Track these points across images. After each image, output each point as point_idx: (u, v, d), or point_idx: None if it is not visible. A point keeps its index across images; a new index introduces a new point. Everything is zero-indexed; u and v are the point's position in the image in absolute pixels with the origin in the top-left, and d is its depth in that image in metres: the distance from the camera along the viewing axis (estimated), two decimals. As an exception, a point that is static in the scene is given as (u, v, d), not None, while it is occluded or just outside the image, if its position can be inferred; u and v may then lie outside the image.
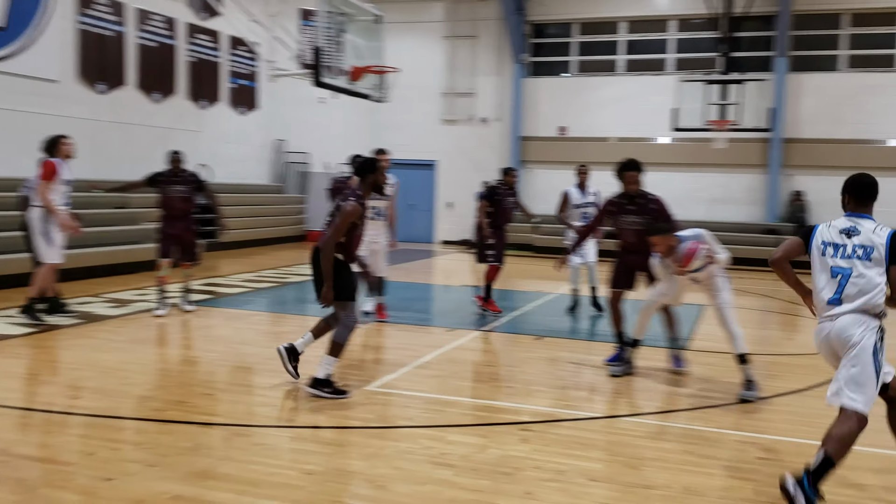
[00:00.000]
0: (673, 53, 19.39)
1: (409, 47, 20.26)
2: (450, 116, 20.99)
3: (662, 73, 19.25)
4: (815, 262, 4.50)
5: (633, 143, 19.30)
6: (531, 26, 20.46)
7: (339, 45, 11.83)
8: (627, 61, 19.79)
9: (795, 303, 12.19)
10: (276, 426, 5.31)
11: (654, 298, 6.76)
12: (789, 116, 18.16)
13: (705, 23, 18.49)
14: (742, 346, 6.27)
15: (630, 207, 7.02)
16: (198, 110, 17.35)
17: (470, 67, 20.76)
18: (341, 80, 11.77)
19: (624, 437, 5.26)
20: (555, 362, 7.37)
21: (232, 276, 13.05)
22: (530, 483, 4.35)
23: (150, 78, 15.69)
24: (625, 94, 19.42)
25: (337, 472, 4.47)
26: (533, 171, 20.40)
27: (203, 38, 17.18)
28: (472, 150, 20.84)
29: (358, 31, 12.12)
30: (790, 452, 4.99)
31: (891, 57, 17.85)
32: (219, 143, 18.21)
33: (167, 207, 9.17)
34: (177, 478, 4.28)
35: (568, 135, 19.99)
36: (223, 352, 7.52)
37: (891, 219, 13.63)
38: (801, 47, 18.41)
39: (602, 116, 19.58)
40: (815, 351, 4.61)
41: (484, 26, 20.59)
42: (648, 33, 19.61)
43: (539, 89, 20.31)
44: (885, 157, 17.66)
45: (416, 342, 8.14)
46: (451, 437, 5.09)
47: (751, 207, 18.76)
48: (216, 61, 17.77)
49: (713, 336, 8.80)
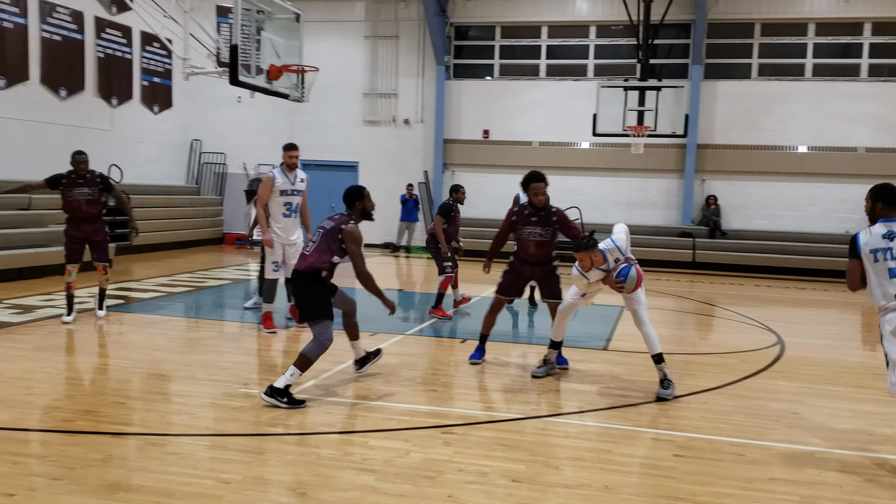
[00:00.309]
0: (593, 59, 19.75)
1: (329, 47, 20.08)
2: (371, 117, 20.86)
3: (583, 79, 19.57)
4: (870, 269, 4.99)
5: (556, 148, 19.58)
6: (454, 28, 20.53)
7: (256, 43, 11.59)
8: (549, 66, 20.05)
9: (710, 304, 12.56)
10: (193, 434, 5.14)
11: (571, 301, 6.85)
12: (704, 123, 18.71)
13: (624, 29, 18.91)
14: (657, 347, 6.40)
15: (533, 219, 7.13)
16: (109, 108, 16.79)
17: (392, 68, 20.69)
18: (259, 79, 11.51)
19: (545, 438, 5.29)
20: (477, 365, 7.37)
21: (145, 280, 12.66)
22: (453, 486, 4.32)
23: (55, 73, 15.09)
24: (547, 99, 19.67)
25: (256, 481, 4.35)
26: (457, 174, 20.46)
27: (113, 33, 16.64)
28: (395, 152, 20.78)
29: (276, 29, 11.89)
30: (705, 449, 5.10)
31: (801, 66, 18.58)
32: (131, 142, 17.67)
33: (72, 210, 8.79)
34: (85, 491, 4.09)
35: (491, 138, 20.12)
36: (136, 359, 7.27)
37: (797, 221, 14.13)
38: (716, 55, 18.99)
39: (525, 120, 19.78)
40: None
41: (406, 27, 20.55)
42: (570, 38, 19.91)
43: (462, 92, 20.39)
44: (795, 163, 18.37)
45: (338, 347, 8.02)
46: (374, 443, 5.03)
47: (667, 211, 19.25)
48: (128, 58, 17.23)
49: (630, 336, 8.97)
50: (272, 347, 8.07)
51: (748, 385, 7.00)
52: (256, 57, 11.62)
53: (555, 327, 7.03)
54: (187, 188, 20.14)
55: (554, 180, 15.45)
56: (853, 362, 8.51)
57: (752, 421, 5.83)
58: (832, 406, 6.36)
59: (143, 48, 17.73)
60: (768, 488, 4.47)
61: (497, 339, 8.36)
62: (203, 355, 7.47)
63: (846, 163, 18.13)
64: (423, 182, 20.36)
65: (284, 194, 8.51)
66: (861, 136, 18.06)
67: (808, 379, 7.36)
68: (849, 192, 18.17)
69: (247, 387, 6.30)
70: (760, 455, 5.07)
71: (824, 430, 5.68)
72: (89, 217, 8.82)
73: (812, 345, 9.28)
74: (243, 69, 11.25)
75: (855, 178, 18.12)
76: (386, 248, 20.56)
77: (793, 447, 5.26)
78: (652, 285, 14.27)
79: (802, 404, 6.39)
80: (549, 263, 7.26)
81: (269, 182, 8.50)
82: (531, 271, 7.27)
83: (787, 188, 18.58)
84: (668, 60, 19.37)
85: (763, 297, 13.85)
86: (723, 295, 13.87)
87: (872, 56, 18.20)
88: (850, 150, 18.11)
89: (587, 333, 9.15)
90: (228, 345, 8.09)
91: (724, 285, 15.34)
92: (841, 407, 6.34)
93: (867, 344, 9.97)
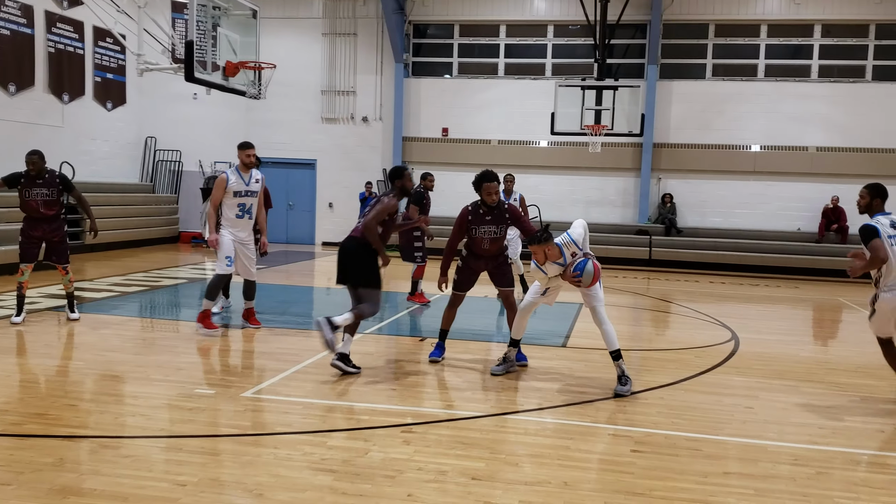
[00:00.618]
0: (551, 58, 19.87)
1: (286, 44, 19.92)
2: (330, 115, 20.74)
3: (541, 78, 19.68)
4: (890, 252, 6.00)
5: (514, 146, 19.67)
6: (412, 26, 20.49)
7: (213, 39, 11.45)
8: (508, 65, 20.12)
9: (666, 300, 12.72)
10: (147, 437, 5.05)
11: (531, 300, 6.88)
12: (660, 122, 18.95)
13: (581, 29, 19.06)
14: (615, 343, 6.47)
15: (488, 218, 7.21)
16: (60, 105, 16.43)
17: (350, 66, 20.59)
18: (215, 75, 11.38)
19: (504, 435, 5.30)
20: (437, 363, 7.37)
21: (98, 279, 12.42)
22: (412, 485, 4.31)
23: (4, 68, 14.74)
24: (505, 97, 19.75)
25: (212, 483, 4.29)
26: (416, 172, 20.43)
27: (64, 27, 16.29)
28: (353, 150, 20.69)
29: (233, 25, 11.76)
30: (662, 445, 5.17)
31: (754, 66, 18.92)
32: (84, 139, 17.32)
33: (29, 210, 8.58)
34: (35, 496, 4.00)
35: (450, 136, 20.13)
36: (89, 360, 7.13)
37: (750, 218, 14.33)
38: (671, 55, 19.25)
39: (484, 118, 19.84)
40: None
41: (364, 24, 20.46)
42: (528, 38, 20.01)
43: (421, 90, 20.37)
44: (748, 162, 18.71)
45: (296, 346, 7.97)
46: (332, 443, 4.99)
47: (624, 209, 19.46)
48: (80, 53, 16.88)
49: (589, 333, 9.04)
50: (230, 347, 7.97)
51: (704, 380, 7.10)
52: (213, 53, 11.48)
53: (515, 325, 7.06)
54: (142, 186, 19.81)
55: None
56: (805, 357, 8.69)
57: (708, 416, 5.92)
58: (785, 400, 6.48)
59: (96, 43, 17.38)
60: (724, 482, 4.53)
61: (457, 336, 8.38)
62: (158, 356, 7.35)
63: (798, 162, 18.52)
64: (382, 180, 20.30)
65: (238, 195, 8.34)
66: (812, 135, 18.46)
67: (762, 374, 7.49)
68: (800, 191, 18.59)
69: (202, 387, 6.21)
70: (716, 449, 5.15)
71: (777, 423, 5.78)
72: (47, 218, 8.62)
73: (765, 340, 9.45)
74: (199, 66, 11.11)
75: (806, 176, 18.55)
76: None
77: (747, 441, 5.35)
78: (609, 283, 14.41)
79: (756, 399, 6.49)
80: (501, 255, 7.40)
81: (222, 183, 8.30)
82: (484, 265, 7.37)
83: (740, 186, 18.92)
84: (624, 60, 19.58)
85: (717, 294, 14.08)
86: (678, 292, 14.07)
87: (822, 57, 18.61)
88: (802, 149, 18.50)
89: (546, 330, 9.20)
90: (184, 345, 7.96)
91: (679, 282, 15.55)
92: (793, 401, 6.46)
93: (818, 339, 10.19)
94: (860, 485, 4.59)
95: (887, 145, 18.10)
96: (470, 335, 8.86)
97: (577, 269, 6.37)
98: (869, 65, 18.43)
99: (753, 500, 4.29)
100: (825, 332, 10.99)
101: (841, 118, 18.30)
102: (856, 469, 4.90)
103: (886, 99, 18.14)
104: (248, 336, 8.42)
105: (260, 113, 19.99)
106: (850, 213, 18.09)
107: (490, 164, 19.73)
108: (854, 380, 7.37)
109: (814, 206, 18.43)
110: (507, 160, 19.45)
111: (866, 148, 18.18)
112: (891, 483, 4.62)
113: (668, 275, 16.69)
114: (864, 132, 18.18)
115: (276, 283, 12.92)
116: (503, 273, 7.40)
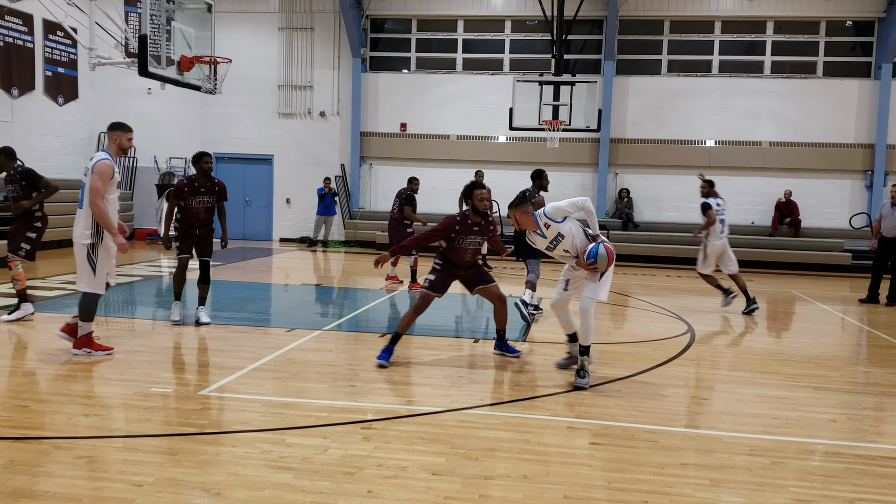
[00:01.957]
0: (509, 54, 19.92)
1: (243, 38, 19.71)
2: (287, 110, 20.55)
3: (499, 73, 19.74)
4: None
5: (473, 141, 19.70)
6: (370, 21, 20.39)
7: (167, 33, 11.25)
8: (466, 60, 20.13)
9: (623, 294, 12.85)
10: (102, 437, 4.96)
11: (558, 297, 6.90)
12: (616, 117, 19.13)
13: (539, 25, 19.15)
14: (589, 339, 6.47)
15: (475, 228, 7.20)
16: (9, 99, 16.05)
17: (307, 60, 20.42)
18: (170, 70, 11.19)
19: (463, 430, 5.31)
20: (396, 359, 7.34)
21: (50, 277, 12.17)
22: (372, 481, 4.30)
23: (-51, 62, 14.37)
24: (464, 93, 19.77)
25: (169, 482, 4.22)
26: (374, 167, 20.36)
27: (13, 20, 15.90)
28: (311, 145, 20.54)
29: (187, 19, 11.57)
30: (620, 437, 5.22)
31: (709, 62, 19.18)
32: (34, 134, 16.94)
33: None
34: (-15, 499, 3.90)
35: (409, 131, 20.08)
36: (40, 359, 6.97)
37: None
38: (627, 51, 19.43)
39: (442, 114, 19.83)
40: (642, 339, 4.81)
41: (321, 18, 20.31)
42: (485, 33, 20.04)
43: (379, 85, 20.28)
44: (703, 156, 18.97)
45: (253, 343, 7.89)
46: (291, 440, 4.95)
47: (582, 203, 19.57)
48: (29, 47, 16.49)
49: (547, 327, 9.11)
50: (187, 345, 7.86)
51: (661, 373, 7.19)
52: (167, 48, 11.29)
53: (561, 322, 7.13)
54: (94, 182, 19.42)
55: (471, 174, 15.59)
56: (759, 349, 8.85)
57: (665, 407, 5.99)
58: (740, 391, 6.59)
59: (46, 37, 17.01)
60: (681, 473, 4.59)
61: (416, 332, 8.37)
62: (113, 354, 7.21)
63: (751, 157, 18.85)
64: (340, 175, 20.19)
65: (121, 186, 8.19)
66: (765, 131, 18.81)
67: (717, 366, 7.61)
68: (754, 185, 18.92)
69: (159, 386, 6.12)
70: (673, 441, 5.21)
71: (733, 415, 5.88)
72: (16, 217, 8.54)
73: (720, 333, 9.60)
74: (153, 60, 10.92)
75: (759, 171, 18.89)
76: (303, 242, 20.30)
77: (703, 432, 5.43)
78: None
79: (712, 390, 6.59)
80: (475, 263, 7.45)
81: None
82: (463, 274, 7.36)
83: (695, 181, 19.14)
84: (581, 56, 19.72)
85: (674, 287, 14.27)
86: (635, 285, 14.22)
87: (775, 53, 18.95)
88: (755, 144, 18.83)
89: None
90: (139, 343, 7.83)
91: (636, 276, 15.73)
92: (748, 392, 6.57)
93: (772, 331, 10.38)
94: (814, 474, 4.68)
95: (838, 140, 18.51)
96: (430, 331, 8.85)
97: (590, 255, 6.39)
98: (820, 61, 18.82)
99: (710, 490, 4.35)
100: (779, 325, 11.19)
101: (793, 113, 18.66)
102: (810, 458, 4.99)
103: (837, 94, 18.55)
104: (204, 334, 8.30)
105: (215, 108, 19.75)
106: (802, 207, 18.48)
107: (449, 160, 19.87)
108: (807, 370, 7.51)
109: (767, 199, 18.78)
110: (465, 155, 19.48)
111: (818, 143, 18.57)
112: (843, 471, 4.72)
113: (626, 269, 16.85)
114: (815, 127, 18.57)
115: (233, 280, 12.78)
116: (481, 275, 7.41)
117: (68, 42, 17.37)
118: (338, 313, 10.00)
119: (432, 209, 16.87)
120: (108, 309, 10.29)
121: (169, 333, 8.25)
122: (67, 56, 17.78)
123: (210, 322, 8.67)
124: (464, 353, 7.92)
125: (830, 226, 18.65)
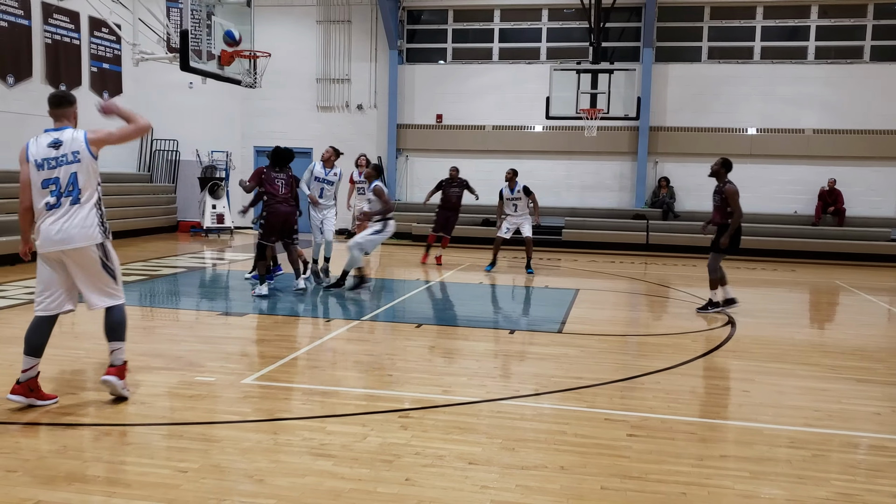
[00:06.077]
0: (546, 42, 19.81)
1: (281, 32, 19.86)
2: (325, 103, 20.69)
3: (536, 62, 19.64)
4: None
5: (509, 131, 19.65)
6: (406, 12, 20.42)
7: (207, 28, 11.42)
8: (502, 49, 20.07)
9: (663, 285, 12.74)
10: (148, 424, 5.09)
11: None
12: (656, 105, 18.92)
13: (576, 13, 19.00)
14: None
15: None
16: (57, 95, 16.38)
17: (345, 53, 20.52)
18: (211, 64, 11.37)
19: (501, 420, 5.34)
20: (434, 349, 7.41)
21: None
22: (410, 469, 4.35)
23: (1, 60, 14.71)
24: (500, 83, 19.70)
25: (213, 469, 4.33)
26: (411, 159, 20.42)
27: (60, 18, 16.23)
28: (349, 138, 20.62)
29: (227, 14, 11.73)
30: (659, 429, 5.20)
31: (750, 49, 18.88)
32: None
33: None
34: (40, 483, 4.04)
35: (445, 123, 20.10)
36: (89, 349, 7.15)
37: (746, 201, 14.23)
38: (666, 38, 19.20)
39: (478, 104, 19.80)
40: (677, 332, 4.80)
41: (358, 11, 20.39)
42: (522, 22, 19.95)
43: (415, 76, 20.31)
44: (744, 145, 18.69)
45: (293, 333, 8.00)
46: (331, 428, 5.03)
47: (620, 194, 19.46)
48: (76, 44, 16.83)
49: (585, 319, 9.10)
50: (229, 335, 8.00)
51: (700, 365, 7.15)
52: (207, 42, 11.46)
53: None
54: (139, 175, 19.80)
55: (507, 164, 15.63)
56: (800, 340, 8.72)
57: (704, 400, 5.96)
58: (781, 383, 6.52)
59: (92, 34, 17.33)
60: (720, 465, 4.57)
61: (453, 323, 8.42)
62: (157, 344, 7.38)
63: (794, 144, 18.52)
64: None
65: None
66: (808, 118, 18.45)
67: (758, 357, 7.53)
68: (796, 174, 18.59)
69: (202, 375, 6.25)
70: (712, 433, 5.19)
71: (774, 407, 5.82)
72: None
73: (762, 324, 9.49)
74: (194, 55, 11.10)
75: (802, 159, 18.54)
76: (340, 234, 20.46)
77: (743, 424, 5.39)
78: (606, 268, 14.45)
79: (753, 382, 6.54)
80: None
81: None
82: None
83: (736, 170, 18.54)
84: (619, 43, 19.52)
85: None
86: (676, 276, 14.10)
87: (819, 39, 18.57)
88: (798, 131, 18.49)
89: (542, 317, 9.24)
90: (183, 333, 8.00)
91: (676, 267, 15.58)
92: (789, 384, 6.50)
93: (815, 322, 10.23)
94: (857, 467, 4.63)
95: (885, 126, 18.09)
96: (466, 322, 8.89)
97: None
98: (867, 45, 18.39)
99: (750, 482, 4.32)
100: (821, 315, 11.03)
101: (838, 100, 18.27)
102: (853, 452, 4.93)
103: (885, 79, 18.11)
104: (246, 325, 8.44)
105: (256, 102, 19.96)
106: (847, 195, 18.11)
107: (485, 150, 19.86)
108: (850, 362, 7.41)
109: (810, 188, 18.44)
110: (501, 146, 19.46)
111: (864, 130, 18.17)
112: (888, 465, 4.66)
113: (666, 259, 16.71)
114: (861, 114, 18.17)
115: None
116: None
117: (112, 38, 17.68)
118: (374, 304, 10.09)
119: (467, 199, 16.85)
120: (153, 300, 10.50)
121: (212, 324, 8.40)
122: (112, 52, 18.11)
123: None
124: (500, 344, 7.95)
125: (877, 214, 18.27)
